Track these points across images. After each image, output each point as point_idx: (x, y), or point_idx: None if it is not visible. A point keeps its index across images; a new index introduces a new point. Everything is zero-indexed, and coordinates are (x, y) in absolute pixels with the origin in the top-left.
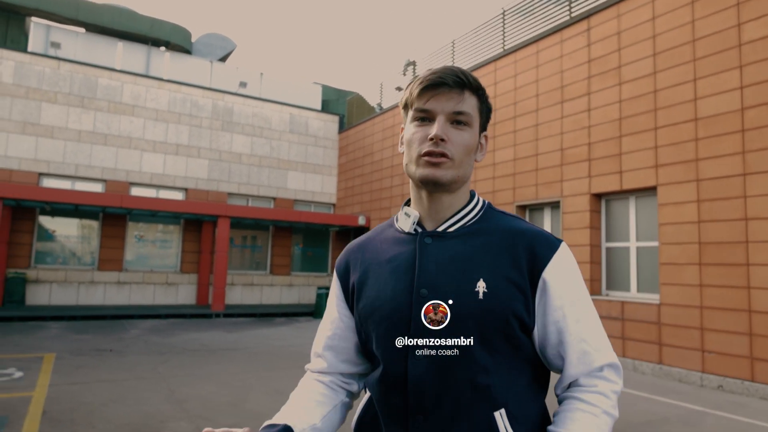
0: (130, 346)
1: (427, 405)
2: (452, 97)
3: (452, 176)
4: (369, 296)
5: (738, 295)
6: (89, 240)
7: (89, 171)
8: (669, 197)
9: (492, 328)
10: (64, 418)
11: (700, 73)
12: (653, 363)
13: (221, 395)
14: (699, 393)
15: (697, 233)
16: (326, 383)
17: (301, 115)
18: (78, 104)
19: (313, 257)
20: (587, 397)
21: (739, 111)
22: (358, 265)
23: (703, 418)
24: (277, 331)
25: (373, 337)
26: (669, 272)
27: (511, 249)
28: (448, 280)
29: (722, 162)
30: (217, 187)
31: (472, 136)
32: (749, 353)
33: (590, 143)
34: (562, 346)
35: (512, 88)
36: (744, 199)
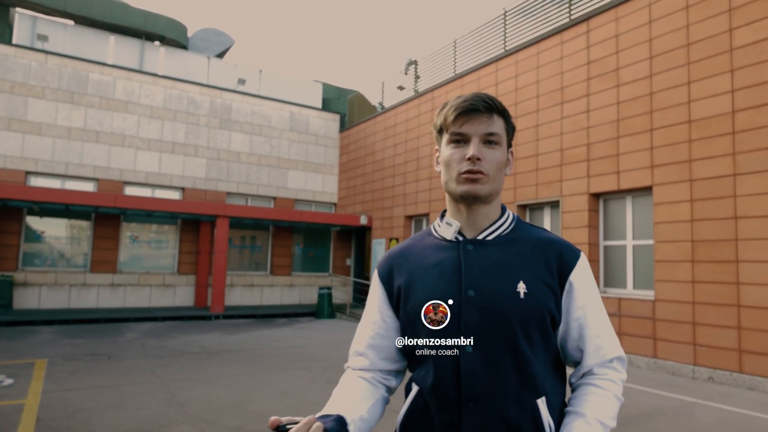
0: (126, 350)
1: (478, 393)
2: (483, 120)
3: (488, 190)
4: (417, 297)
5: (728, 290)
6: (81, 241)
7: (80, 169)
8: (664, 197)
9: (531, 324)
10: (60, 425)
11: (694, 76)
12: (648, 357)
13: (224, 398)
14: (691, 385)
15: (690, 231)
16: (368, 380)
17: (302, 113)
18: (67, 100)
19: (314, 257)
20: (600, 383)
21: (730, 114)
22: (402, 270)
23: (694, 408)
24: (278, 332)
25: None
26: (663, 269)
27: (544, 256)
28: (492, 283)
29: (714, 163)
30: (215, 187)
31: (502, 153)
32: (738, 346)
33: (589, 144)
34: (581, 340)
35: (513, 89)
36: (734, 199)
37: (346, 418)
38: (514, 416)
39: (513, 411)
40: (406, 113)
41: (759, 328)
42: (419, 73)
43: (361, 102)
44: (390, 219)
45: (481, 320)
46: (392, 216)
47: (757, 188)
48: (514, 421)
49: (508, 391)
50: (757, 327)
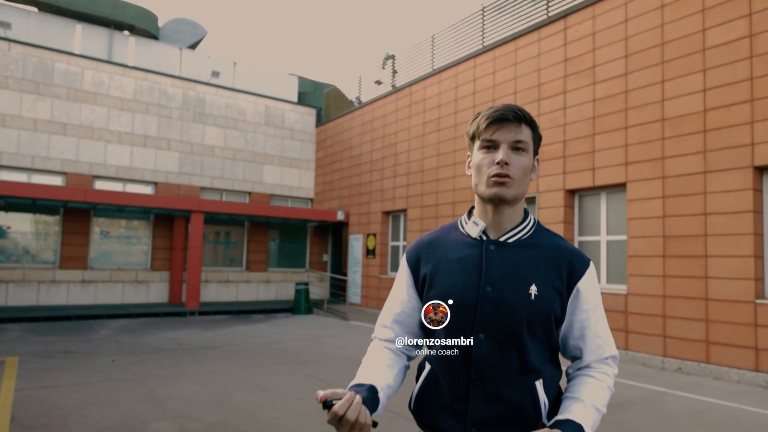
0: (100, 347)
1: (485, 374)
2: (513, 129)
3: (514, 193)
4: (440, 287)
5: (697, 284)
6: (49, 237)
7: (47, 163)
8: (637, 193)
9: (537, 322)
10: (36, 423)
11: (668, 75)
12: (620, 349)
13: (203, 394)
14: (661, 375)
15: (661, 227)
16: (393, 350)
17: (277, 107)
18: (33, 90)
19: (290, 253)
20: (595, 374)
21: (702, 112)
22: (429, 259)
23: (664, 398)
24: (255, 328)
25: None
26: (636, 264)
27: (556, 262)
28: (508, 283)
29: (685, 160)
30: (189, 181)
31: (528, 159)
32: (705, 338)
33: (565, 141)
34: (582, 339)
35: (491, 85)
36: (704, 196)
37: (377, 386)
38: (514, 395)
39: (514, 391)
40: (383, 108)
41: (725, 320)
42: (397, 67)
43: (337, 96)
44: (367, 215)
45: (495, 314)
46: (369, 212)
47: (726, 185)
48: (514, 399)
49: (510, 375)
50: (724, 319)
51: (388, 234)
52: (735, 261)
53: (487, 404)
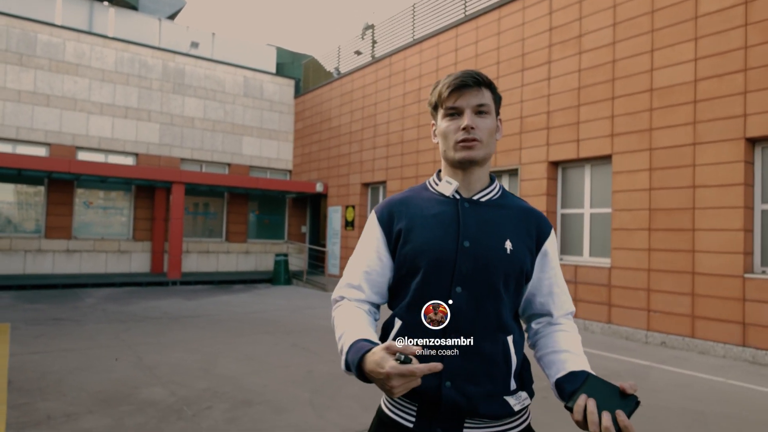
0: (87, 314)
1: (462, 327)
2: (474, 93)
3: (483, 154)
4: (417, 241)
5: (683, 258)
6: (34, 207)
7: (31, 134)
8: (623, 165)
9: (511, 276)
10: (32, 387)
11: (657, 44)
12: (602, 323)
13: (191, 361)
14: (644, 349)
15: (648, 200)
16: (366, 311)
17: (256, 78)
18: (16, 62)
19: (269, 225)
20: (568, 328)
21: (693, 83)
22: (403, 216)
23: (649, 371)
24: (236, 297)
25: (420, 272)
26: (620, 237)
27: (525, 222)
28: (485, 238)
29: (674, 132)
30: (169, 152)
31: (492, 121)
32: (691, 312)
33: (549, 112)
34: (551, 295)
35: (473, 55)
36: (693, 168)
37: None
38: (489, 348)
39: (489, 344)
40: (363, 79)
41: (712, 294)
42: (377, 38)
43: (316, 67)
44: (346, 186)
45: (474, 267)
46: (348, 183)
47: (715, 158)
48: (488, 352)
49: (486, 328)
50: (711, 293)
51: (367, 206)
52: (724, 234)
53: (463, 357)
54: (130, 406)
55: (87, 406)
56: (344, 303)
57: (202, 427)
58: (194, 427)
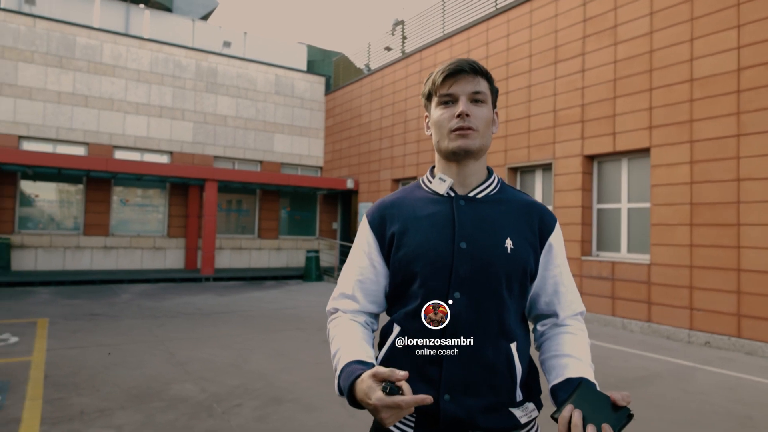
0: (123, 310)
1: (461, 334)
2: (470, 80)
3: (479, 144)
4: (411, 245)
5: (728, 254)
6: (73, 205)
7: (71, 134)
8: (662, 159)
9: (514, 277)
10: (67, 381)
11: (698, 32)
12: (642, 321)
13: (222, 357)
14: (687, 349)
15: (689, 194)
16: (361, 323)
17: (287, 76)
18: (56, 64)
19: (301, 221)
20: (575, 331)
21: (736, 71)
22: (395, 219)
23: (693, 373)
24: (268, 294)
25: (417, 278)
26: (660, 233)
27: (527, 217)
28: (482, 237)
29: (717, 123)
30: (202, 150)
31: (489, 111)
32: (737, 311)
33: (583, 104)
34: (556, 295)
35: (504, 49)
36: (737, 160)
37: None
38: (490, 357)
39: (490, 352)
40: (393, 75)
41: (759, 292)
42: (406, 33)
43: (346, 64)
44: (377, 182)
45: (472, 270)
46: (379, 179)
47: (762, 149)
48: (490, 361)
49: (487, 335)
50: (758, 291)
51: None
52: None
53: (463, 368)
54: (161, 403)
55: (119, 401)
56: (339, 316)
57: (232, 425)
58: (224, 425)
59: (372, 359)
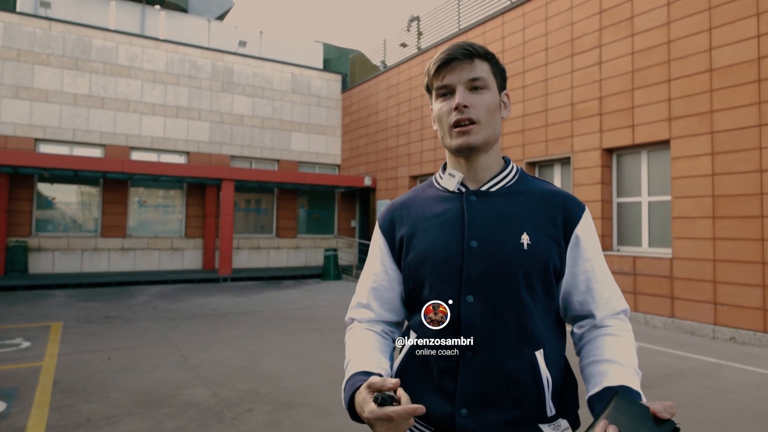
0: (138, 312)
1: (477, 343)
2: (464, 67)
3: (483, 138)
4: (420, 247)
5: (752, 247)
6: (90, 206)
7: (87, 136)
8: (682, 150)
9: (534, 275)
10: (77, 387)
11: (716, 22)
12: (665, 317)
13: (236, 360)
14: (712, 345)
15: (710, 186)
16: (378, 333)
17: (303, 74)
18: (72, 66)
19: (319, 219)
20: (617, 332)
21: (756, 60)
22: (404, 221)
23: (718, 369)
24: (286, 293)
25: (426, 283)
26: (681, 226)
27: (548, 207)
28: (495, 234)
29: (737, 113)
30: (219, 150)
31: (491, 96)
32: (762, 305)
33: (601, 97)
34: (590, 292)
35: (521, 43)
36: (759, 151)
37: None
38: (511, 367)
39: (510, 362)
40: (409, 71)
41: None
42: (422, 29)
43: (362, 61)
44: (395, 179)
45: (484, 270)
46: (397, 176)
47: None
48: (512, 372)
49: (506, 342)
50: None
51: None
52: None
53: (480, 379)
54: (170, 408)
55: (128, 408)
56: (354, 326)
57: (241, 431)
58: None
59: (382, 369)
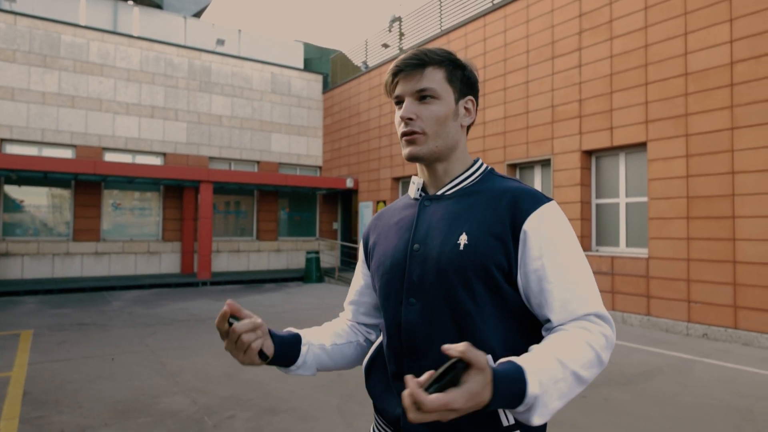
0: (113, 319)
1: (418, 347)
2: (414, 77)
3: (429, 149)
4: (378, 254)
5: (724, 247)
6: (61, 209)
7: (57, 136)
8: (658, 153)
9: (472, 277)
10: (48, 398)
11: (691, 27)
12: (641, 315)
13: (215, 366)
14: (686, 342)
15: (685, 188)
16: (350, 325)
17: (283, 74)
18: (40, 63)
19: (300, 222)
20: (568, 328)
21: (729, 65)
22: (375, 230)
23: (693, 366)
24: (267, 297)
25: (381, 289)
26: (657, 227)
27: (495, 205)
28: (435, 236)
29: (711, 116)
30: (197, 151)
31: (442, 106)
32: (733, 302)
33: (581, 100)
34: (543, 294)
35: (502, 45)
36: (731, 153)
37: (303, 338)
38: None
39: None
40: None
41: (755, 283)
42: (404, 30)
43: (344, 62)
44: (377, 181)
45: (422, 273)
46: (379, 178)
47: (755, 142)
48: None
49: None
50: (753, 283)
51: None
52: (766, 221)
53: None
54: (148, 418)
55: (103, 418)
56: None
57: None
58: None
59: (316, 339)
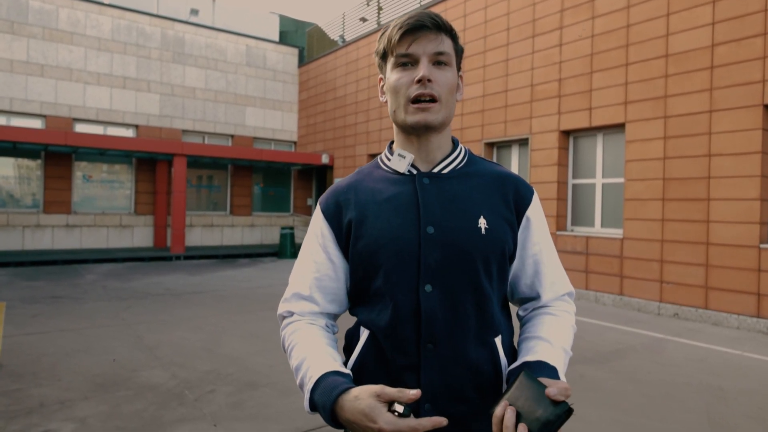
0: (88, 292)
1: (438, 334)
2: (432, 38)
3: (442, 117)
4: (371, 234)
5: (697, 228)
6: (31, 181)
7: (26, 105)
8: (636, 134)
9: (492, 260)
10: (25, 371)
11: (674, 7)
12: (614, 294)
13: (193, 340)
14: (657, 321)
15: (662, 169)
16: (322, 327)
17: (258, 47)
18: (7, 30)
19: (274, 197)
20: (555, 311)
21: (710, 47)
22: (351, 205)
23: (665, 344)
24: (242, 272)
25: (380, 272)
26: (633, 208)
27: (501, 190)
28: (452, 219)
29: (690, 99)
30: (170, 124)
31: (453, 75)
32: (704, 283)
33: (561, 79)
34: (537, 276)
35: (482, 21)
36: (709, 136)
37: (346, 370)
38: (473, 356)
39: (472, 350)
40: (368, 47)
41: (726, 265)
42: (382, 4)
43: (320, 35)
44: (353, 158)
45: (443, 258)
46: (355, 155)
47: (732, 125)
48: (473, 361)
49: (467, 331)
50: (725, 264)
51: None
52: (739, 204)
53: (443, 372)
54: (128, 391)
55: (83, 391)
56: (295, 320)
57: (205, 413)
58: (196, 414)
59: (347, 369)
